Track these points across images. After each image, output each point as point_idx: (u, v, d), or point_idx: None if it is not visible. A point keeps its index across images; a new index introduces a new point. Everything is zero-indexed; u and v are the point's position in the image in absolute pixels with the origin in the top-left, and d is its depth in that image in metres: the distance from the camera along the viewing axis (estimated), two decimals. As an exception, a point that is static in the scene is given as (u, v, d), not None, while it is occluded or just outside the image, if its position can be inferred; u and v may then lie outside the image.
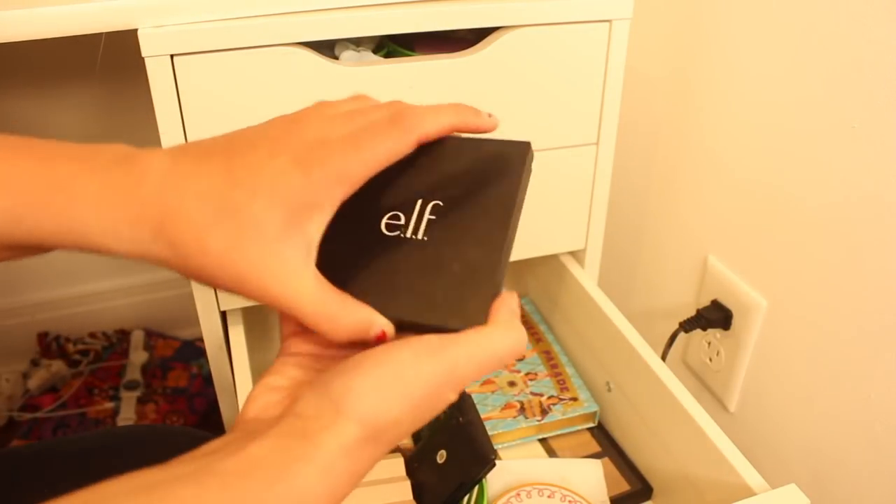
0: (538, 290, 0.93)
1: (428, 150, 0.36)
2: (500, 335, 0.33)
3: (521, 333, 0.33)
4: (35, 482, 0.54)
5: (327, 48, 0.67)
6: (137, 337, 1.27)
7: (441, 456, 0.65)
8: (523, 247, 0.76)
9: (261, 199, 0.32)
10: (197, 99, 0.61)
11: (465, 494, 0.63)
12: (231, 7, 0.59)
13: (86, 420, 1.14)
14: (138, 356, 1.23)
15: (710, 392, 0.86)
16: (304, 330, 0.36)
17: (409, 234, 0.37)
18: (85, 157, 0.33)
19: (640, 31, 0.84)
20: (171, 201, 0.32)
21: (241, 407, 0.60)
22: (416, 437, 0.74)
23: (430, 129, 0.35)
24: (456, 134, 0.37)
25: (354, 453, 0.29)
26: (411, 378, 0.30)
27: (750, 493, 0.56)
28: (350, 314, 0.34)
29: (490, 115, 0.37)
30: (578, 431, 0.79)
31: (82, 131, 1.10)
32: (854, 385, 0.66)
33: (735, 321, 0.79)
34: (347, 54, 0.67)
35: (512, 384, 0.81)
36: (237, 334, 0.71)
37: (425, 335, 0.32)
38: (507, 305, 0.34)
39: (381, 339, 0.34)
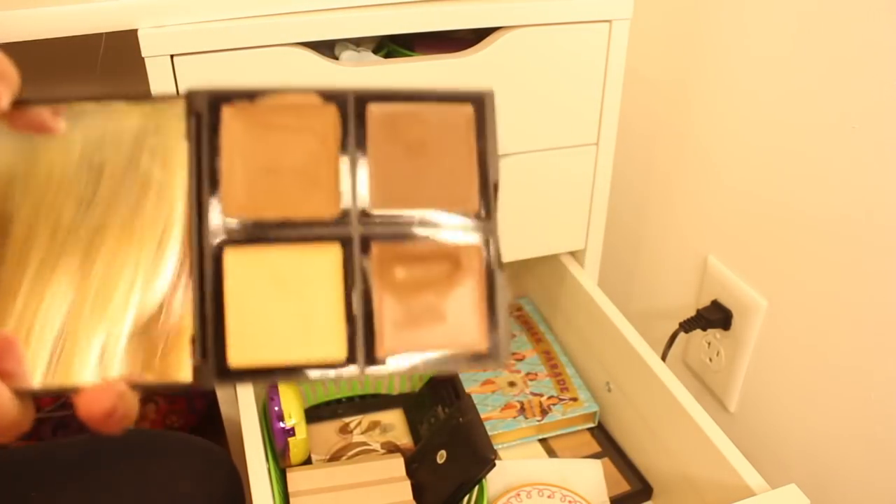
0: (538, 290, 0.93)
1: None
2: None
3: None
4: (33, 486, 0.54)
5: (327, 48, 0.67)
6: (137, 337, 1.27)
7: (441, 456, 0.65)
8: (523, 247, 0.76)
9: None
10: (197, 99, 0.61)
11: (465, 494, 0.63)
12: (231, 7, 0.59)
13: (86, 420, 1.13)
14: (138, 356, 1.23)
15: (710, 392, 0.86)
16: None
17: None
18: None
19: (640, 32, 0.83)
20: None
21: (241, 407, 0.59)
22: (416, 437, 0.74)
23: None
24: None
25: None
26: None
27: (750, 493, 0.56)
28: None
29: None
30: (578, 431, 0.79)
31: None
32: (854, 385, 0.66)
33: (735, 321, 0.79)
34: (347, 54, 0.67)
35: (512, 384, 0.81)
36: (237, 334, 0.71)
37: None
38: None
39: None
